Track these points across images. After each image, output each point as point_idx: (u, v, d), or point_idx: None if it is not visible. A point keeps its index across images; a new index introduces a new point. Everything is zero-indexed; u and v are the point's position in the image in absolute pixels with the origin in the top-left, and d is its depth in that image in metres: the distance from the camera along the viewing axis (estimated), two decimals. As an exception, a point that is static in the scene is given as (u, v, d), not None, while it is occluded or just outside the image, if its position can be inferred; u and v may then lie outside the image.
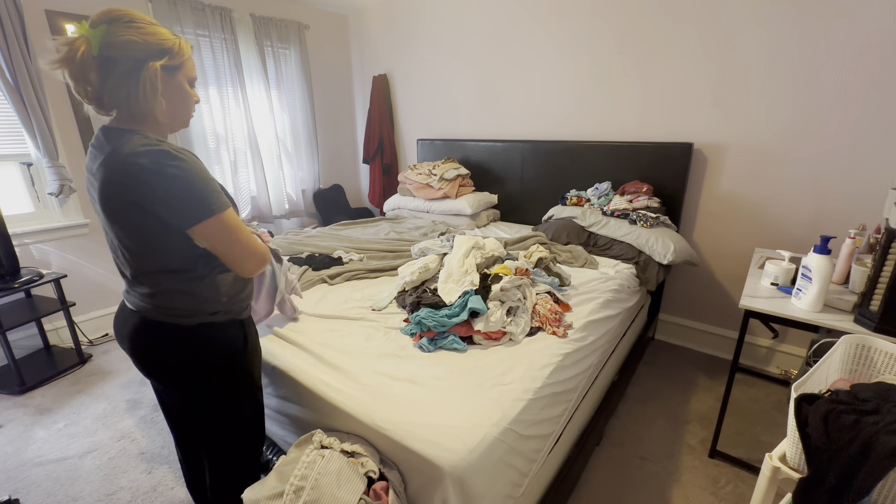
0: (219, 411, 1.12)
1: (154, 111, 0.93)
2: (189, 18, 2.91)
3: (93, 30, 0.86)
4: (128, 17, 0.89)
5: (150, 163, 0.87)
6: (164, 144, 0.91)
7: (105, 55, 0.87)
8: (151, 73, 0.90)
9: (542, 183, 3.00)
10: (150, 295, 1.01)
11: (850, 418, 0.79)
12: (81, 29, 0.86)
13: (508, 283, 1.61)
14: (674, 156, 2.44)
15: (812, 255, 1.45)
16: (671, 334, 2.82)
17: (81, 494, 1.70)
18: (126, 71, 0.88)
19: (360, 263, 2.20)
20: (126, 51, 0.88)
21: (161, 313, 1.01)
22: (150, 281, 1.00)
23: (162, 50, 0.92)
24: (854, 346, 1.07)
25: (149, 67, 0.89)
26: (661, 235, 2.25)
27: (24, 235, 2.55)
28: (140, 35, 0.89)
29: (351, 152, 4.36)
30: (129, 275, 1.02)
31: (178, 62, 0.95)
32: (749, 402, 2.19)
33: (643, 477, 1.75)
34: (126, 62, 0.88)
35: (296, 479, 0.99)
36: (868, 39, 1.89)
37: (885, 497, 0.75)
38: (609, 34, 2.56)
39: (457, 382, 1.25)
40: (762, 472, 0.93)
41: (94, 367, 2.57)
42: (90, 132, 2.71)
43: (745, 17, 2.14)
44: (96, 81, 0.88)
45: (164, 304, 1.01)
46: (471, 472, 1.00)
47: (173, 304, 1.01)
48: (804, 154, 2.14)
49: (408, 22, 3.52)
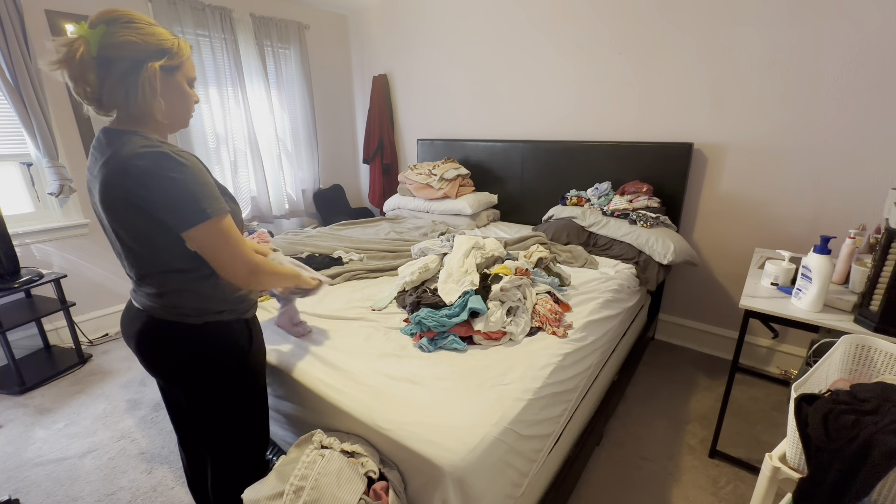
0: (224, 410, 1.13)
1: (153, 111, 0.93)
2: (189, 18, 2.91)
3: (91, 30, 0.86)
4: (126, 18, 0.89)
5: (150, 165, 0.87)
6: (164, 146, 0.91)
7: (104, 56, 0.87)
8: (150, 73, 0.89)
9: (542, 183, 3.00)
10: (157, 294, 1.01)
11: (850, 418, 0.79)
12: (80, 30, 0.86)
13: (508, 283, 1.61)
14: (674, 156, 2.44)
15: (812, 255, 1.45)
16: (671, 334, 2.82)
17: (81, 494, 1.70)
18: (125, 71, 0.88)
19: (360, 263, 2.20)
20: (125, 51, 0.87)
21: (168, 312, 1.02)
22: (156, 281, 1.00)
23: (161, 50, 0.91)
24: (854, 346, 1.07)
25: (148, 68, 0.89)
26: (661, 235, 2.25)
27: (24, 235, 2.55)
28: (139, 35, 0.89)
29: (351, 152, 4.37)
30: (134, 275, 1.03)
31: (177, 62, 0.95)
32: (749, 402, 2.19)
33: (643, 477, 1.75)
34: (125, 62, 0.88)
35: (296, 479, 0.99)
36: (868, 39, 1.89)
37: (885, 497, 0.75)
38: (609, 34, 2.56)
39: (457, 382, 1.25)
40: (762, 472, 0.93)
41: (94, 367, 2.57)
42: (90, 132, 2.71)
43: (745, 16, 2.14)
44: (95, 82, 0.88)
45: (171, 303, 1.01)
46: (471, 472, 1.00)
47: (180, 304, 1.02)
48: (804, 154, 2.14)
49: (408, 22, 3.52)
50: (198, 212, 0.90)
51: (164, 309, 1.02)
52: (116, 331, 2.97)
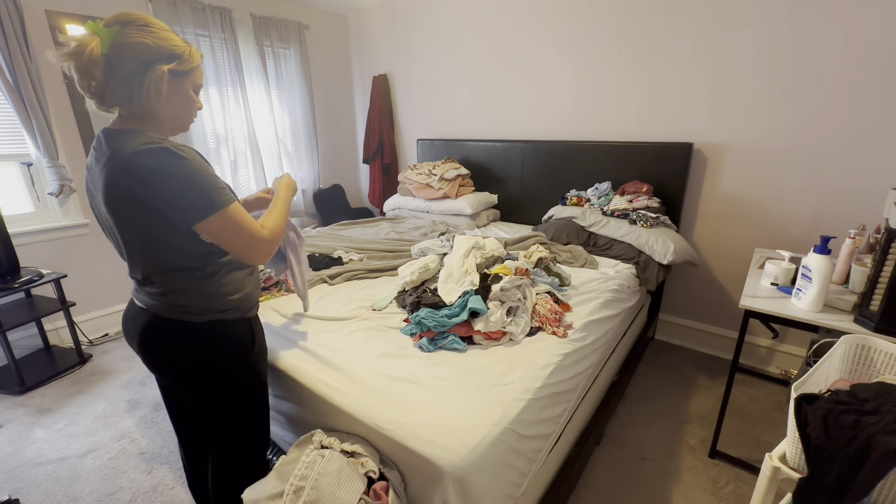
0: (226, 409, 1.13)
1: (155, 112, 0.94)
2: (189, 18, 2.91)
3: (106, 29, 0.88)
4: (142, 21, 0.91)
5: (152, 161, 0.87)
6: (164, 143, 0.91)
7: (114, 54, 0.88)
8: (158, 75, 0.90)
9: (542, 183, 3.00)
10: (161, 293, 1.01)
11: (850, 418, 0.79)
12: (94, 27, 0.87)
13: (508, 283, 1.61)
14: (674, 156, 2.44)
15: (812, 255, 1.45)
16: (671, 334, 2.82)
17: (81, 494, 1.70)
18: (132, 71, 0.89)
19: (360, 263, 2.20)
20: (135, 52, 0.89)
21: (172, 311, 1.02)
22: (160, 280, 1.00)
23: (172, 54, 0.93)
24: (854, 346, 1.07)
25: (156, 69, 0.90)
26: (661, 235, 2.25)
27: (25, 235, 2.54)
28: (152, 38, 0.90)
29: (351, 152, 4.36)
30: (139, 275, 1.02)
31: (186, 68, 0.96)
32: (749, 402, 2.19)
33: (643, 477, 1.75)
34: (133, 63, 0.89)
35: (296, 479, 0.99)
36: (868, 39, 1.89)
37: (885, 497, 0.75)
38: (609, 34, 2.56)
39: (457, 382, 1.25)
40: (762, 472, 0.93)
41: (94, 367, 2.57)
42: (90, 132, 2.71)
43: (745, 16, 2.14)
44: (101, 78, 0.89)
45: (175, 301, 1.01)
46: (471, 472, 1.00)
47: (185, 302, 1.02)
48: (804, 154, 2.14)
49: (408, 22, 3.52)
50: (206, 204, 0.91)
51: (168, 307, 1.02)
52: (116, 331, 2.97)
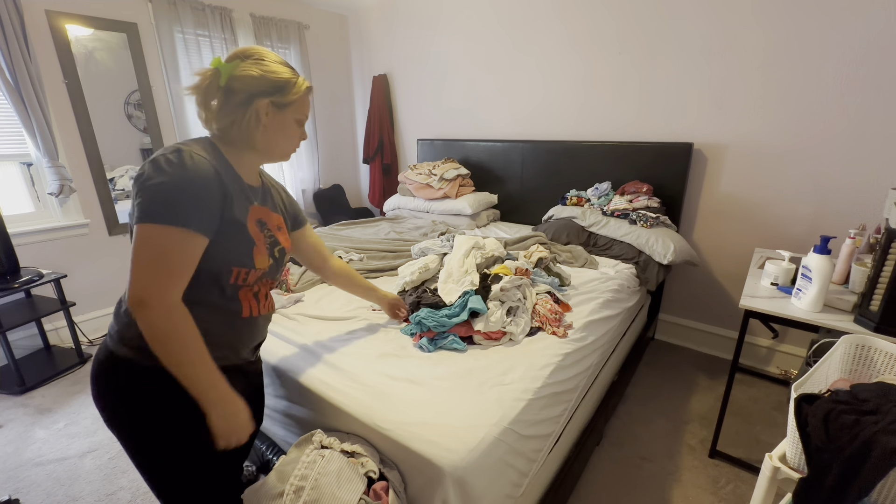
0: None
1: (251, 140, 0.96)
2: (189, 18, 2.91)
3: (227, 64, 0.92)
4: (258, 55, 0.95)
5: (156, 157, 0.84)
6: (186, 146, 0.87)
7: (228, 87, 0.92)
8: (259, 106, 0.93)
9: (542, 183, 3.00)
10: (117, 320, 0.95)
11: (850, 418, 0.79)
12: (217, 62, 0.92)
13: (508, 283, 1.61)
14: (674, 156, 2.44)
15: (812, 255, 1.45)
16: (671, 334, 2.82)
17: (81, 494, 1.70)
18: (239, 102, 0.92)
19: (360, 263, 2.20)
20: (243, 84, 0.92)
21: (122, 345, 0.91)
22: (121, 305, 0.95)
23: (275, 86, 0.94)
24: (854, 346, 1.07)
25: (259, 101, 0.93)
26: (661, 235, 2.25)
27: (24, 235, 2.54)
28: (259, 70, 0.93)
29: (351, 152, 4.36)
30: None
31: (287, 100, 0.97)
32: (749, 402, 2.19)
33: (643, 477, 1.75)
34: (241, 95, 0.92)
35: (296, 479, 0.99)
36: (868, 39, 1.89)
37: (885, 497, 0.75)
38: (609, 34, 2.56)
39: (457, 382, 1.25)
40: (762, 472, 0.93)
41: (94, 367, 2.56)
42: (90, 132, 2.71)
43: (746, 16, 2.14)
44: (215, 108, 0.94)
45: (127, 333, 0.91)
46: (471, 472, 1.00)
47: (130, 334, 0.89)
48: (804, 154, 2.14)
49: (408, 22, 3.52)
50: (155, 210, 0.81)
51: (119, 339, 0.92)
52: (116, 331, 2.97)
